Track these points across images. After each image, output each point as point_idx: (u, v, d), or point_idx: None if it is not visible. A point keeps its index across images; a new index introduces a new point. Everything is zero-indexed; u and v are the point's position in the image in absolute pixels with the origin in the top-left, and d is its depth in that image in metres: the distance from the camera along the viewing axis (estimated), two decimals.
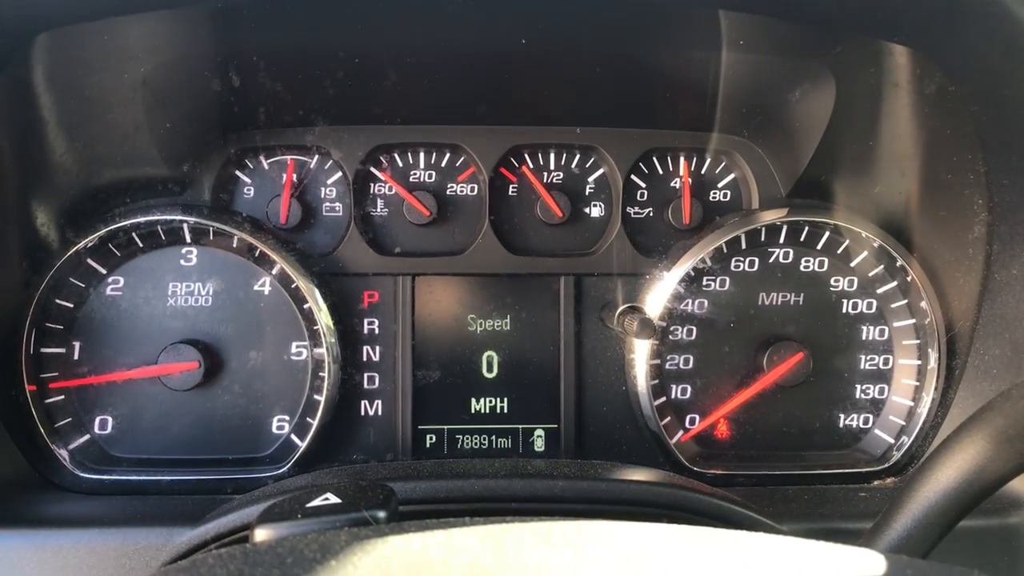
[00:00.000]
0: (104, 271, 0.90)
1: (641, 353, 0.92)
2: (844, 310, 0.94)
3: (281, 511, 0.54)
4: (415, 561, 0.42)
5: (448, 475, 0.66)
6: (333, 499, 0.55)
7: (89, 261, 0.88)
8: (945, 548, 0.61)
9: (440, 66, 0.82)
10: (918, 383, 0.93)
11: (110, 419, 0.91)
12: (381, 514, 0.52)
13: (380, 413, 0.94)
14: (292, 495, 0.55)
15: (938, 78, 0.72)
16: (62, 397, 0.90)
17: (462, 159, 0.94)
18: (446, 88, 0.87)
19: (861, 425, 0.95)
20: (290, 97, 0.85)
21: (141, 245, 0.89)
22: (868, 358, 0.94)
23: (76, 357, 0.90)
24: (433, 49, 0.78)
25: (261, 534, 0.53)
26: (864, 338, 0.94)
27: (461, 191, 0.94)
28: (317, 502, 0.55)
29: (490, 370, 0.96)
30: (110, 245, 0.88)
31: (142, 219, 0.87)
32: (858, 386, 0.95)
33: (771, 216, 0.91)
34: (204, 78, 0.80)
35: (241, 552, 0.47)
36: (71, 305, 0.90)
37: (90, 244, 0.87)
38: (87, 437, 0.91)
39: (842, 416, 0.95)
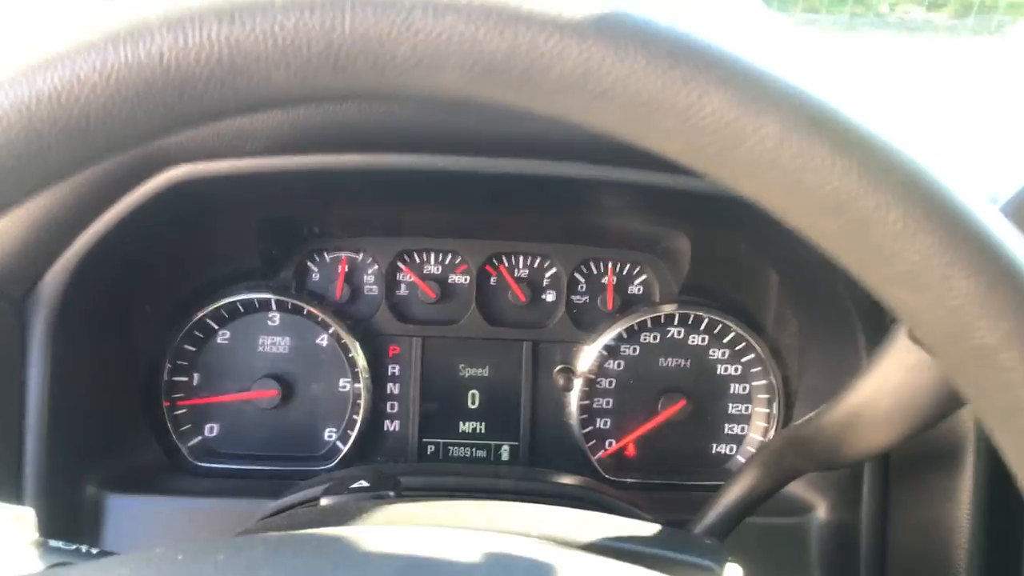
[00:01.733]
0: (216, 327, 1.31)
1: (575, 396, 1.32)
2: (718, 372, 1.29)
3: (335, 488, 0.94)
4: (414, 514, 0.80)
5: (435, 474, 1.08)
6: (364, 483, 0.94)
7: (207, 320, 1.31)
8: (749, 540, 0.81)
9: (447, 212, 1.25)
10: (767, 425, 1.31)
11: (216, 426, 1.27)
12: (392, 493, 0.83)
13: (398, 430, 1.31)
14: (340, 480, 0.95)
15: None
16: (185, 411, 1.26)
17: (459, 259, 1.32)
18: (450, 219, 1.28)
19: (727, 452, 1.31)
20: (352, 226, 1.27)
21: (242, 311, 1.28)
22: (734, 406, 1.30)
23: (195, 384, 1.27)
24: (445, 208, 1.22)
25: (325, 501, 0.93)
26: (731, 392, 1.29)
27: (458, 280, 1.32)
28: (356, 485, 0.94)
29: (473, 403, 1.33)
30: (222, 310, 1.31)
31: (245, 296, 1.27)
32: (726, 425, 1.30)
33: (667, 308, 1.30)
34: (303, 223, 1.24)
35: (319, 509, 0.86)
36: (194, 349, 1.28)
37: (208, 311, 1.30)
38: (200, 438, 1.27)
39: (714, 445, 1.30)
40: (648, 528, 0.76)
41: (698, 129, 0.38)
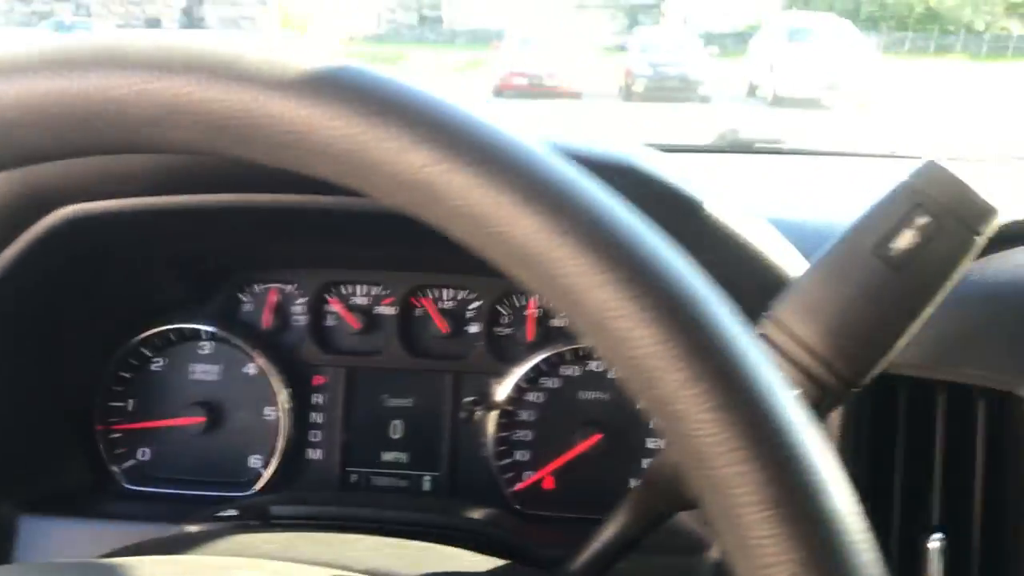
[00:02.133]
0: (150, 355, 1.36)
1: (492, 426, 1.33)
2: (637, 406, 1.35)
3: (201, 516, 0.98)
4: (250, 544, 0.84)
5: (317, 503, 1.11)
6: (231, 512, 0.98)
7: (141, 348, 1.37)
8: None
9: (363, 246, 1.29)
10: None
11: (148, 450, 1.32)
12: (257, 523, 0.95)
13: (321, 458, 1.33)
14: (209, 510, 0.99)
15: None
16: (120, 435, 1.31)
17: (386, 292, 1.35)
18: (375, 252, 1.31)
19: None
20: (276, 259, 1.33)
21: (173, 339, 1.35)
22: (652, 440, 1.30)
23: (130, 409, 1.32)
24: (375, 248, 1.26)
25: (188, 529, 0.97)
26: (650, 426, 1.31)
27: (383, 312, 1.35)
28: (221, 513, 0.98)
29: (396, 433, 1.34)
30: (155, 339, 1.36)
31: (177, 326, 1.32)
32: (643, 459, 1.29)
33: (584, 341, 1.33)
34: (212, 258, 1.29)
35: (169, 537, 0.90)
36: (129, 375, 1.35)
37: (141, 339, 1.35)
38: (133, 461, 1.31)
39: (631, 479, 1.32)
40: (490, 564, 0.78)
41: (402, 186, 0.41)
